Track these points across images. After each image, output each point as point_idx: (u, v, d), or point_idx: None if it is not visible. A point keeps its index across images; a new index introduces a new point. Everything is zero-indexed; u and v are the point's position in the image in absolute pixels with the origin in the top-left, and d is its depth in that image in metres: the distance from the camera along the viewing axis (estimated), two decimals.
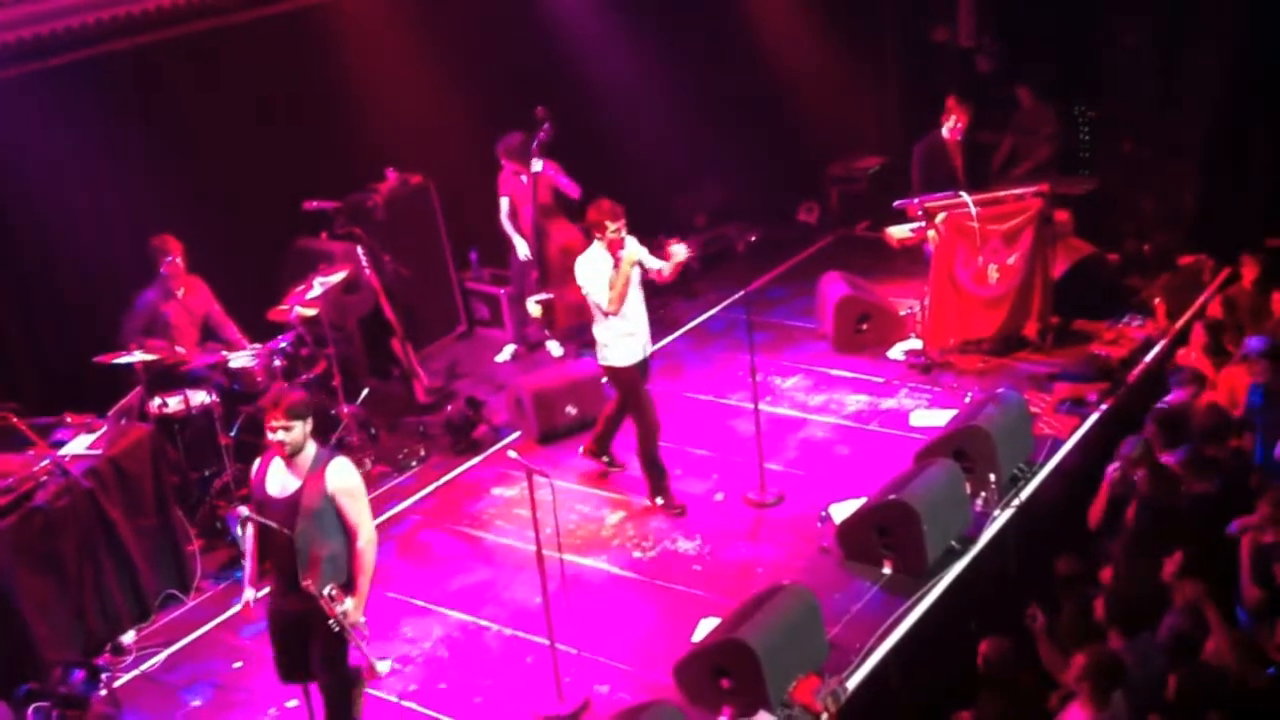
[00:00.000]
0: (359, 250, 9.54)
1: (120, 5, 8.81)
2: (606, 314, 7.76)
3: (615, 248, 7.73)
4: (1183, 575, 6.48)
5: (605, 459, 8.70)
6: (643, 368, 8.04)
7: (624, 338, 7.87)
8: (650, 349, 8.13)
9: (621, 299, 7.73)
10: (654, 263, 7.91)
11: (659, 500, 8.26)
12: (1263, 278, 9.34)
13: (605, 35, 11.69)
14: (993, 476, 7.85)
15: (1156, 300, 10.17)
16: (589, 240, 7.94)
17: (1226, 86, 11.29)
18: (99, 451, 7.53)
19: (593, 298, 7.79)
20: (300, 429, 5.76)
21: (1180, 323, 10.04)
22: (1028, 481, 8.11)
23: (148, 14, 8.99)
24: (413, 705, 6.79)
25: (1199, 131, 11.43)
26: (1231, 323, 9.25)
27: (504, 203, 10.25)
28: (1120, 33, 11.81)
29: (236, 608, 6.29)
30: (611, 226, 7.69)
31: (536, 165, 9.95)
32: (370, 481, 8.91)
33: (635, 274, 7.82)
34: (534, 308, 10.31)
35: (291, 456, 5.77)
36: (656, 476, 8.24)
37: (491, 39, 11.22)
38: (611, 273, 7.70)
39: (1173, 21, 11.56)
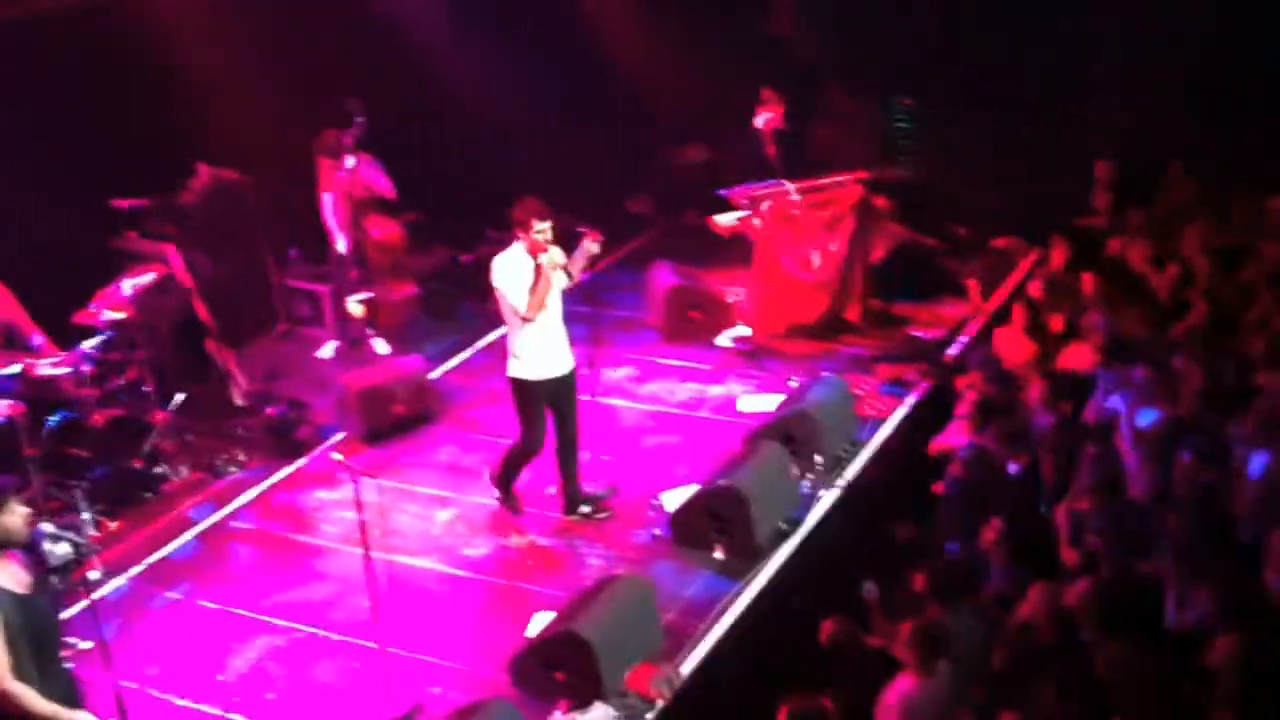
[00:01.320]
0: (170, 249, 9.20)
1: None
2: (524, 319, 7.39)
3: (537, 250, 7.32)
4: (1001, 544, 6.69)
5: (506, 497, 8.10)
6: (555, 386, 7.63)
7: (539, 350, 7.51)
8: (569, 365, 7.68)
9: (540, 304, 7.35)
10: (573, 268, 7.55)
11: (497, 495, 8.08)
12: (1073, 259, 9.71)
13: (432, 27, 11.52)
14: (818, 457, 7.99)
15: (971, 281, 10.49)
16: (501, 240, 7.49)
17: (1025, 69, 11.73)
18: None
19: (509, 300, 7.38)
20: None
21: (993, 303, 10.37)
22: (851, 461, 8.27)
23: None
24: (238, 718, 6.55)
25: (1003, 116, 11.82)
26: (1051, 302, 9.58)
27: (327, 199, 10.00)
28: (927, 19, 12.13)
29: None
30: (539, 226, 7.27)
31: (350, 161, 9.75)
32: (187, 489, 8.63)
33: (559, 281, 7.46)
34: (355, 307, 10.11)
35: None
36: (506, 482, 8.00)
37: (313, 30, 10.93)
38: (530, 276, 7.33)
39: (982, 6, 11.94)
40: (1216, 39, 10.98)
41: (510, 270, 7.40)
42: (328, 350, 10.49)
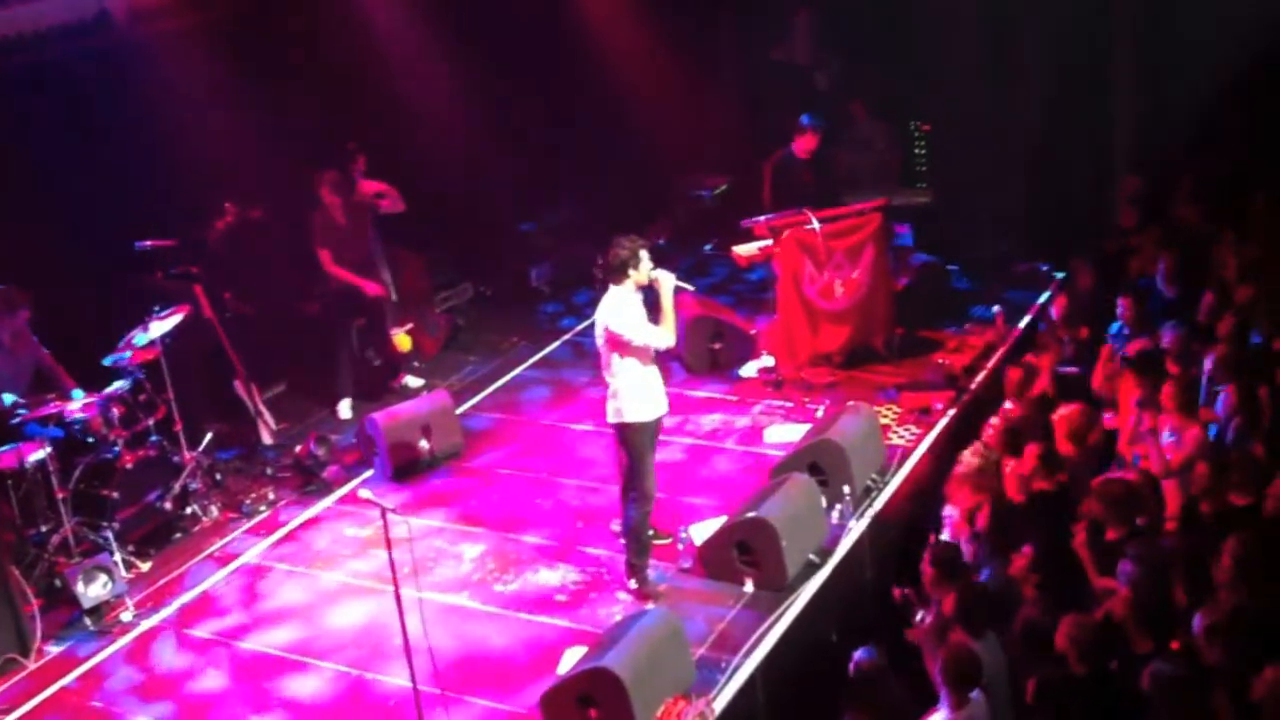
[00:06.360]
0: (197, 289, 9.24)
1: None
2: (666, 345, 7.20)
3: (650, 279, 7.14)
4: (1032, 570, 6.63)
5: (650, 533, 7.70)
6: (659, 424, 7.44)
7: (651, 387, 7.26)
8: (666, 406, 7.49)
9: (675, 326, 7.17)
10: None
11: (633, 584, 7.49)
12: (1098, 283, 9.66)
13: (444, 59, 11.58)
14: (846, 488, 7.96)
15: (996, 308, 10.46)
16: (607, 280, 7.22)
17: (1049, 96, 11.72)
18: None
19: (640, 340, 7.10)
20: None
21: (1020, 328, 10.35)
22: (880, 491, 8.24)
23: None
24: None
25: (1026, 141, 11.81)
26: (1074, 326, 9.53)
27: (327, 256, 9.87)
28: (947, 47, 12.14)
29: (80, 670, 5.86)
30: (645, 256, 7.13)
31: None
32: (218, 529, 8.66)
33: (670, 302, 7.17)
34: (405, 340, 10.01)
35: None
36: (638, 554, 7.49)
37: (325, 66, 11.01)
38: (641, 312, 7.16)
39: (997, 35, 11.94)
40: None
41: (627, 311, 7.17)
42: (345, 410, 10.19)
